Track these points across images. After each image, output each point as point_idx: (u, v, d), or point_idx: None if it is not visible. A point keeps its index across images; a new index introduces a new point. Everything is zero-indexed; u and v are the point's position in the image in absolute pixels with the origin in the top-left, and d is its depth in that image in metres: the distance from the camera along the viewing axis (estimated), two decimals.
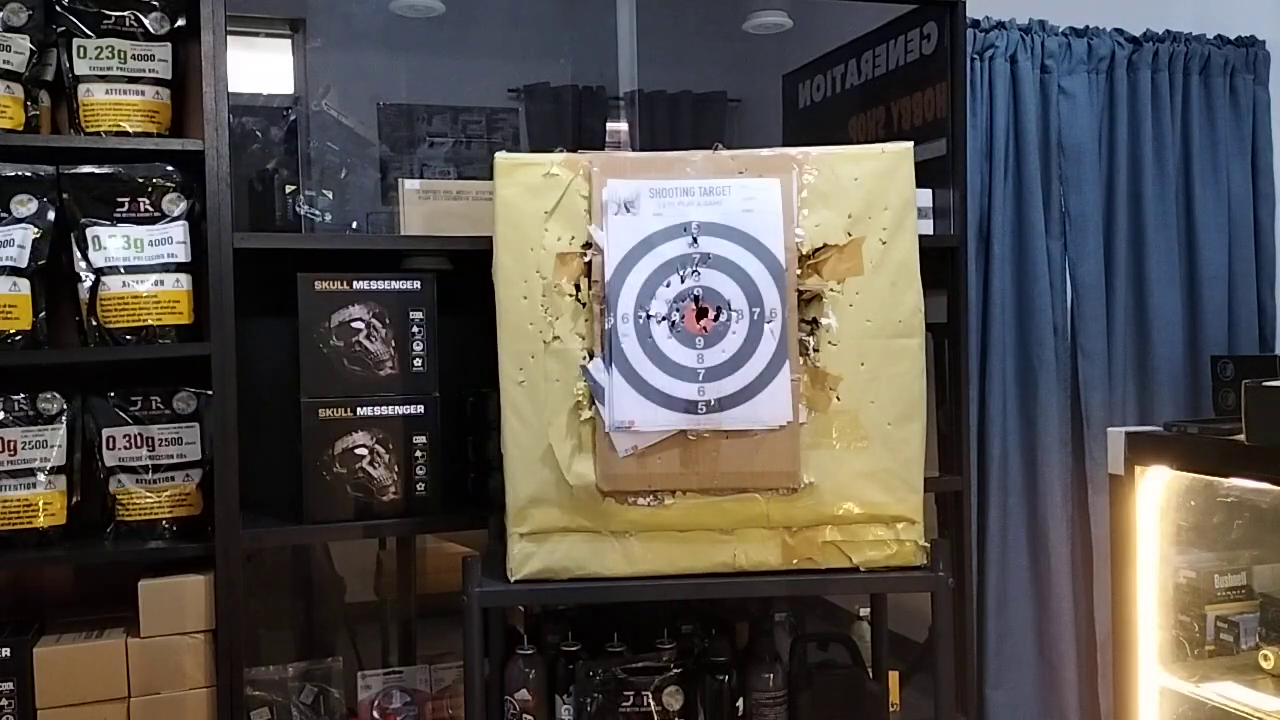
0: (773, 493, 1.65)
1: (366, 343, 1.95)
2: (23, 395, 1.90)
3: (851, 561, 1.69)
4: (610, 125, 3.51)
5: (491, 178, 1.71)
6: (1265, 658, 2.17)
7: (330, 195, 2.90)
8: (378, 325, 1.96)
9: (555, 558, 1.67)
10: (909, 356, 1.68)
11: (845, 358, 1.66)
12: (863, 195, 1.68)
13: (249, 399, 1.94)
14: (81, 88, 1.93)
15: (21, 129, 1.90)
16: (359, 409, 1.95)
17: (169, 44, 1.99)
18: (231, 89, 1.89)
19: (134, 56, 1.95)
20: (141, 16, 1.96)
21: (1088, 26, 2.73)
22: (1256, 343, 2.84)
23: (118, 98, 1.93)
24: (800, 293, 1.65)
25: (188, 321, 1.94)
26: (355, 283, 1.95)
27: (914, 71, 2.40)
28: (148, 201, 1.94)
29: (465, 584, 1.66)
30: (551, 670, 1.94)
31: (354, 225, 3.02)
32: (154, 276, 1.92)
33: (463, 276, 2.05)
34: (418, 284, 1.99)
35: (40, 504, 1.88)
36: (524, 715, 1.91)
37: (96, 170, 1.91)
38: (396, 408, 1.97)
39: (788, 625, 2.25)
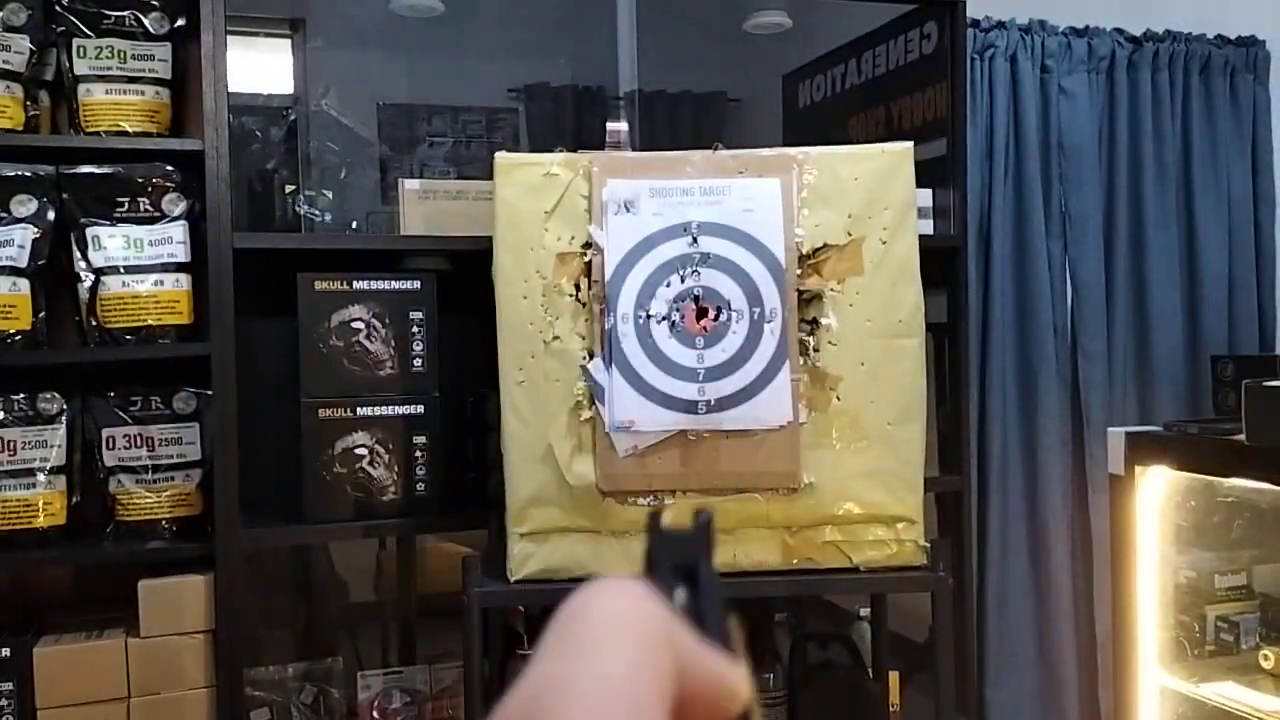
0: (773, 493, 1.65)
1: (366, 343, 1.95)
2: (22, 395, 1.90)
3: (851, 561, 1.68)
4: (610, 125, 3.51)
5: (491, 177, 1.71)
6: (1265, 658, 2.17)
7: (330, 195, 2.90)
8: (377, 325, 1.96)
9: (555, 558, 1.67)
10: (909, 356, 1.68)
11: (845, 358, 1.66)
12: (863, 195, 1.68)
13: (249, 399, 1.94)
14: (81, 87, 1.93)
15: (21, 129, 1.90)
16: (359, 409, 1.94)
17: (169, 44, 1.98)
18: (231, 89, 1.89)
19: (134, 56, 1.95)
20: (141, 16, 1.95)
21: (1088, 26, 2.73)
22: (1257, 342, 2.84)
23: (117, 97, 1.93)
24: (800, 293, 1.65)
25: (187, 321, 1.93)
26: (355, 282, 1.95)
27: (914, 71, 2.40)
28: (147, 201, 1.94)
29: (465, 584, 1.66)
30: None
31: (354, 225, 3.02)
32: (154, 276, 1.91)
33: (463, 276, 2.05)
34: (417, 284, 1.99)
35: (40, 504, 1.88)
36: None
37: (96, 170, 1.91)
38: (396, 408, 1.97)
39: (788, 625, 2.25)
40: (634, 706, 0.20)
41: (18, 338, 1.84)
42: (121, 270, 1.90)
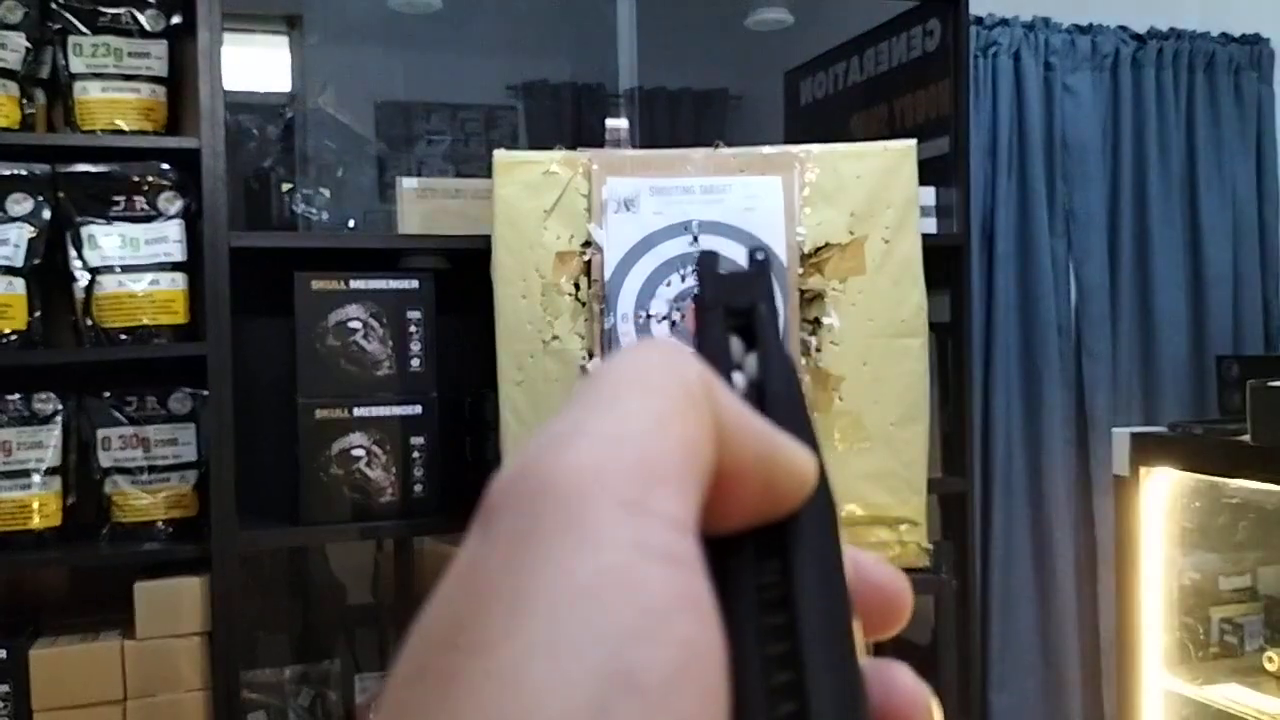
0: None
1: (364, 342, 1.94)
2: (18, 395, 1.89)
3: None
4: (610, 123, 3.49)
5: (490, 176, 1.69)
6: (1270, 660, 2.16)
7: (327, 193, 2.88)
8: (375, 325, 1.94)
9: None
10: (912, 356, 1.67)
11: (848, 358, 1.64)
12: (865, 193, 1.66)
13: (245, 399, 1.93)
14: (77, 85, 1.91)
15: (17, 127, 1.89)
16: (356, 409, 1.93)
17: (165, 41, 1.97)
18: (228, 86, 1.87)
19: (130, 54, 1.93)
20: (137, 14, 1.94)
21: (1092, 24, 2.71)
22: (1262, 342, 2.82)
23: (113, 95, 1.92)
24: (802, 292, 1.63)
25: (183, 321, 1.92)
26: (352, 282, 1.93)
27: (917, 69, 2.38)
28: (143, 200, 1.92)
29: None
30: None
31: (351, 224, 3.01)
32: (150, 276, 1.90)
33: (461, 276, 2.03)
34: (415, 283, 1.97)
35: (35, 505, 1.86)
36: None
37: (92, 169, 1.89)
38: (394, 408, 1.95)
39: None
40: (650, 460, 0.17)
41: (13, 337, 1.83)
42: (117, 269, 1.88)
